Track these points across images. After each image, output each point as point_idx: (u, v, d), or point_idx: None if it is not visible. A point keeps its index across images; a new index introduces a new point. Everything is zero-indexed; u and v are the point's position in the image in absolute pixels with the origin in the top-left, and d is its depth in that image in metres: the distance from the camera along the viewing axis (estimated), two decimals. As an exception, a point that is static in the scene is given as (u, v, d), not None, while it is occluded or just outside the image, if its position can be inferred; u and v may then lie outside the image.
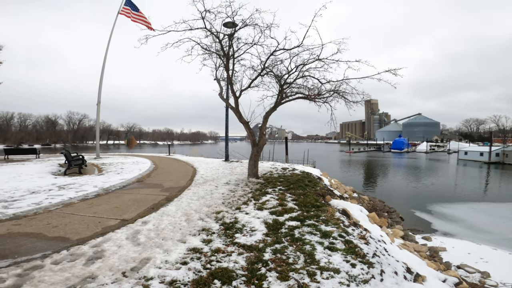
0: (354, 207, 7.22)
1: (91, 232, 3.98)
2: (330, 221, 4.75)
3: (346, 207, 6.54)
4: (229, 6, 7.82)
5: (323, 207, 5.68)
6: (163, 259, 3.12)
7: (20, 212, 4.84)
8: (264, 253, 3.38)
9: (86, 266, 2.88)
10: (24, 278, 2.59)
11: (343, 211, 6.04)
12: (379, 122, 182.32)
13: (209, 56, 9.14)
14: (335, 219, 4.90)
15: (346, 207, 6.46)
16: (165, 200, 6.13)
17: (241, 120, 8.91)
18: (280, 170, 11.00)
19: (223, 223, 4.55)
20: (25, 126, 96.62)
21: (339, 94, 8.59)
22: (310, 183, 8.37)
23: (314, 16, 7.59)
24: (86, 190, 6.88)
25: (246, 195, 6.69)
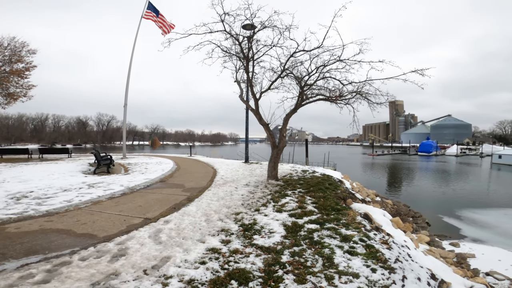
0: (377, 211, 7.01)
1: (116, 229, 4.17)
2: (351, 225, 4.65)
3: (368, 211, 6.37)
4: (248, 8, 7.92)
5: (343, 210, 5.57)
6: (183, 258, 3.21)
7: (52, 209, 5.17)
8: (282, 256, 3.38)
9: (111, 263, 3.02)
10: (53, 273, 2.74)
11: (365, 215, 5.89)
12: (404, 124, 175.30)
13: (229, 58, 9.28)
14: (356, 223, 4.79)
15: (368, 211, 6.30)
16: (186, 200, 6.29)
17: (261, 122, 8.95)
18: (300, 172, 10.90)
19: (242, 224, 4.60)
20: (58, 127, 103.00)
21: (361, 95, 8.39)
22: (331, 186, 8.23)
23: (334, 16, 7.48)
24: (113, 189, 7.21)
25: (265, 197, 6.70)
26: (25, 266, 2.85)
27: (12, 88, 20.28)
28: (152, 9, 17.88)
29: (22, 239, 3.61)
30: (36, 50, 20.80)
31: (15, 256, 3.10)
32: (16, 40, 19.94)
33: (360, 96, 8.43)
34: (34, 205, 5.42)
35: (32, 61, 20.75)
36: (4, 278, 2.57)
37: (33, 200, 5.79)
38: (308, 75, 8.85)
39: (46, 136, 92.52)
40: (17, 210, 4.96)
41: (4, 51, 19.35)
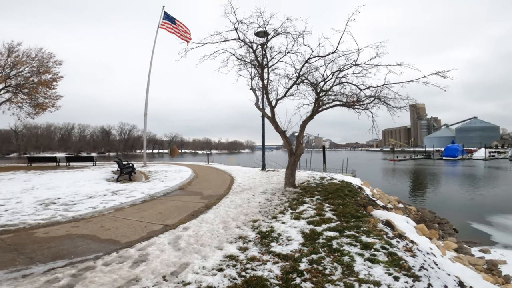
0: (399, 218, 6.78)
1: (138, 236, 4.29)
2: (372, 232, 4.53)
3: (390, 218, 6.18)
4: (260, 16, 8.06)
5: (364, 217, 5.44)
6: (201, 265, 3.25)
7: (78, 215, 5.40)
8: (300, 263, 3.34)
9: (132, 268, 3.10)
10: (77, 278, 2.84)
11: (387, 222, 5.71)
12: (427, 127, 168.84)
13: (244, 66, 9.41)
14: (377, 230, 4.66)
15: (390, 218, 6.11)
16: (204, 207, 6.37)
17: (277, 129, 8.96)
18: (317, 179, 10.76)
19: (260, 231, 4.59)
20: (84, 136, 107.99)
21: (380, 100, 8.21)
22: (350, 193, 8.06)
23: (348, 21, 7.44)
24: (135, 196, 7.43)
25: (283, 204, 6.66)
26: (51, 270, 2.98)
27: (40, 98, 21.50)
28: (168, 18, 18.46)
29: (50, 244, 3.79)
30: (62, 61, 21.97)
31: (43, 260, 3.25)
32: (43, 51, 21.13)
33: (379, 101, 8.25)
34: (61, 211, 5.69)
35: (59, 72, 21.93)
36: (31, 282, 2.69)
37: (61, 206, 6.09)
38: (324, 81, 8.79)
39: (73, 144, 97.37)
40: (46, 216, 5.22)
41: (32, 62, 20.60)
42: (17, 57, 19.96)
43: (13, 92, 20.46)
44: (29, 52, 20.51)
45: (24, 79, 20.51)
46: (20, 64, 20.03)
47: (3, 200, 6.56)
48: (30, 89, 20.79)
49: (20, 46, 20.15)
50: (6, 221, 4.77)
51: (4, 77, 19.54)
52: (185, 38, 17.85)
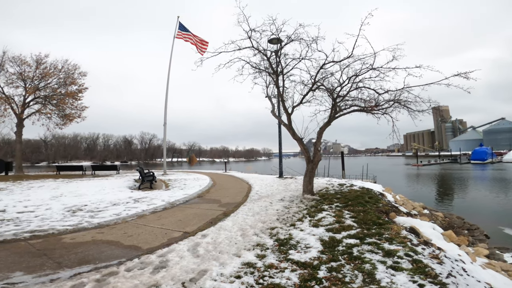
0: (425, 225, 6.51)
1: (158, 242, 4.40)
2: (395, 239, 4.39)
3: (414, 224, 5.96)
4: (273, 23, 8.15)
5: (386, 224, 5.28)
6: (219, 271, 3.27)
7: (103, 222, 5.63)
8: (319, 271, 3.29)
9: (153, 274, 3.18)
10: (101, 283, 2.94)
11: (411, 229, 5.51)
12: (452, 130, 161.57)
13: (259, 74, 9.51)
14: (401, 238, 4.51)
15: (414, 225, 5.88)
16: (222, 215, 6.43)
17: (294, 137, 8.92)
18: (336, 186, 10.56)
19: (277, 239, 4.57)
20: (108, 146, 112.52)
21: (400, 103, 8.01)
22: (371, 199, 7.84)
23: (361, 25, 7.38)
24: (156, 203, 7.63)
25: (301, 211, 6.60)
26: (77, 275, 3.10)
27: (68, 109, 22.71)
28: (182, 29, 19.10)
29: (76, 249, 3.97)
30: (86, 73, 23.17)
31: (70, 265, 3.40)
32: (69, 63, 22.36)
33: (399, 105, 8.05)
34: (87, 217, 5.95)
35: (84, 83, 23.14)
36: (58, 287, 2.81)
37: (87, 213, 6.37)
38: (340, 86, 8.70)
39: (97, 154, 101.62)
40: (73, 222, 5.48)
41: (59, 73, 21.85)
42: (45, 68, 21.26)
43: (42, 104, 21.77)
44: (56, 64, 21.77)
45: (52, 91, 21.79)
46: (48, 75, 21.30)
47: (33, 207, 6.96)
48: (58, 100, 22.02)
49: (47, 58, 21.46)
50: (36, 227, 5.05)
51: (33, 89, 20.86)
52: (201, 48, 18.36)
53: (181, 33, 18.89)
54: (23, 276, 3.01)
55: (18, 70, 20.47)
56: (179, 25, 19.05)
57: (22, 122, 20.84)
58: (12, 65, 20.31)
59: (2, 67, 19.88)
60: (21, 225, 5.18)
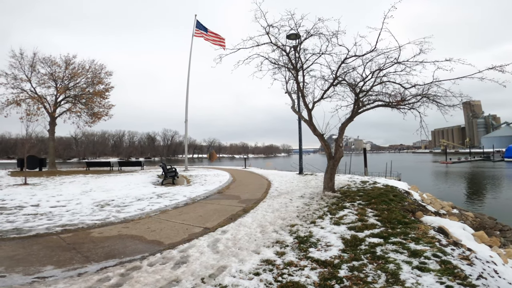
0: (454, 225, 6.18)
1: (180, 237, 4.50)
2: (422, 239, 4.21)
3: (443, 224, 5.67)
4: (291, 18, 8.01)
5: (412, 224, 5.08)
6: (238, 268, 3.29)
7: (128, 217, 5.85)
8: (339, 270, 3.22)
9: (173, 269, 3.25)
10: (125, 278, 3.04)
11: (440, 229, 5.25)
12: (484, 126, 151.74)
13: (278, 70, 9.40)
14: (428, 238, 4.32)
15: (443, 225, 5.61)
16: (242, 211, 6.46)
17: (315, 132, 8.77)
18: (358, 183, 10.28)
19: (297, 236, 4.52)
20: (133, 142, 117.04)
21: (429, 98, 7.64)
22: (396, 197, 7.57)
23: (384, 18, 7.08)
24: (178, 199, 7.83)
25: (322, 209, 6.49)
26: (103, 269, 3.23)
27: (96, 108, 23.86)
28: (200, 27, 19.28)
29: (103, 244, 4.15)
30: (112, 72, 24.22)
31: (97, 259, 3.55)
32: (95, 63, 23.41)
33: (427, 99, 7.68)
34: (114, 212, 6.22)
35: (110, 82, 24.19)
36: (85, 281, 2.93)
37: (114, 208, 6.65)
38: (363, 81, 8.41)
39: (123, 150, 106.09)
40: (101, 217, 5.75)
41: (86, 73, 22.95)
42: (74, 69, 22.44)
43: (72, 102, 23.01)
44: (84, 64, 22.91)
45: (81, 90, 22.97)
46: (77, 75, 22.48)
47: (65, 201, 7.38)
48: (87, 99, 23.21)
49: (75, 58, 22.63)
50: (67, 221, 5.35)
51: (63, 88, 22.09)
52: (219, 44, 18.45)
53: (199, 31, 19.11)
54: (53, 270, 3.17)
55: (49, 71, 21.75)
56: (197, 23, 19.26)
57: (54, 120, 22.14)
58: (43, 66, 21.59)
59: (34, 68, 21.15)
60: (53, 219, 5.50)
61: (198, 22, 19.25)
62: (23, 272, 3.09)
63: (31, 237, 4.40)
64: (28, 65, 20.91)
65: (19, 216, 5.74)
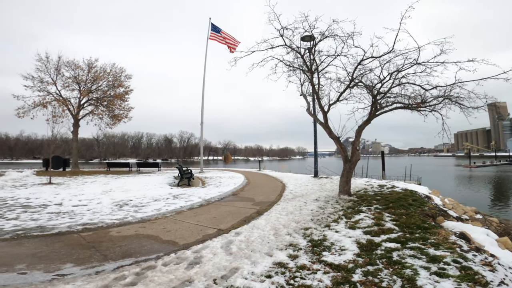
0: (477, 230, 5.91)
1: (194, 238, 4.56)
2: (442, 245, 4.06)
3: (465, 230, 5.45)
4: (305, 20, 7.97)
5: (432, 229, 4.91)
6: (250, 270, 3.29)
7: (145, 216, 6.00)
8: (353, 274, 3.15)
9: (187, 270, 3.29)
10: (140, 277, 3.10)
11: (461, 235, 5.05)
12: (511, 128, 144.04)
13: (293, 72, 9.37)
14: (449, 243, 4.16)
15: (465, 230, 5.38)
16: (256, 213, 6.47)
17: (331, 135, 8.66)
18: (376, 187, 10.02)
19: (311, 239, 4.47)
20: (150, 144, 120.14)
21: (451, 100, 7.39)
22: (415, 202, 7.33)
23: (402, 18, 6.91)
24: (193, 200, 7.95)
25: (337, 212, 6.38)
26: (120, 268, 3.31)
27: (116, 110, 24.71)
28: (215, 29, 19.54)
29: (121, 243, 4.27)
30: (131, 75, 25.05)
31: (114, 258, 3.65)
32: (116, 66, 24.25)
33: (450, 101, 7.43)
34: (132, 212, 6.39)
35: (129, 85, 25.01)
36: (102, 279, 3.01)
37: (132, 208, 6.84)
38: (381, 83, 8.22)
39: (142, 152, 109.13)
40: (119, 216, 5.93)
41: (108, 76, 23.82)
42: (96, 72, 23.37)
43: (94, 105, 23.95)
44: (105, 67, 23.82)
45: (103, 93, 23.88)
46: (99, 78, 23.41)
47: (86, 201, 7.68)
48: (108, 102, 24.09)
49: (97, 62, 23.56)
50: (88, 220, 5.55)
51: (86, 91, 23.05)
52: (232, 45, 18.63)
53: (214, 34, 19.39)
54: (73, 268, 3.28)
55: (73, 74, 22.75)
56: (212, 26, 19.55)
57: (78, 122, 23.13)
58: (67, 70, 22.63)
59: (59, 71, 22.20)
60: (75, 218, 5.73)
61: (213, 25, 19.56)
62: (44, 270, 3.21)
63: (53, 235, 4.59)
64: (53, 69, 22.02)
65: (43, 215, 6.02)
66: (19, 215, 5.89)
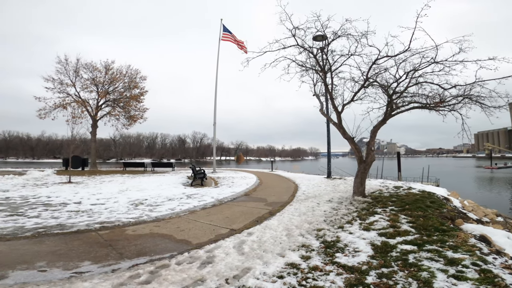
0: (498, 233, 5.70)
1: (206, 238, 4.61)
2: (461, 247, 3.95)
3: (485, 232, 5.26)
4: (317, 20, 7.90)
5: (451, 231, 4.77)
6: (262, 270, 3.29)
7: (160, 216, 6.11)
8: (367, 276, 3.10)
9: (199, 269, 3.33)
10: (154, 275, 3.16)
11: (481, 237, 4.89)
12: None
13: (306, 72, 9.30)
14: (468, 246, 4.04)
15: (485, 233, 5.20)
16: (268, 214, 6.47)
17: (345, 136, 8.54)
18: (391, 188, 9.80)
19: (324, 241, 4.43)
20: (164, 144, 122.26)
21: (471, 99, 7.17)
22: (433, 204, 7.12)
23: (417, 17, 6.75)
24: (206, 200, 8.03)
25: (351, 214, 6.29)
26: (135, 266, 3.38)
27: (132, 111, 25.33)
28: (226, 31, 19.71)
29: (136, 241, 4.37)
30: (146, 77, 25.63)
31: (129, 256, 3.74)
32: (131, 68, 24.85)
33: (470, 100, 7.21)
34: (147, 211, 6.53)
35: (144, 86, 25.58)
36: (117, 277, 3.08)
37: (147, 207, 6.99)
38: (397, 82, 8.05)
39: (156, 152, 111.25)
40: (135, 215, 6.08)
41: (124, 78, 24.44)
42: (112, 74, 24.03)
43: (111, 106, 24.64)
44: (121, 69, 24.45)
45: (119, 94, 24.53)
46: (115, 80, 24.06)
47: (104, 200, 7.91)
48: (124, 103, 24.72)
49: (113, 64, 24.22)
50: (105, 219, 5.72)
51: (104, 93, 23.75)
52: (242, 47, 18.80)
53: (226, 35, 19.57)
54: (90, 266, 3.38)
55: (91, 76, 23.51)
56: (223, 27, 19.73)
57: (96, 123, 23.86)
58: (85, 72, 23.40)
59: (78, 73, 22.99)
60: (93, 216, 5.91)
61: (225, 27, 19.75)
62: (62, 267, 3.31)
63: (72, 233, 4.74)
64: (72, 71, 22.84)
65: (63, 213, 6.24)
66: (40, 213, 6.13)
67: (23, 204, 7.14)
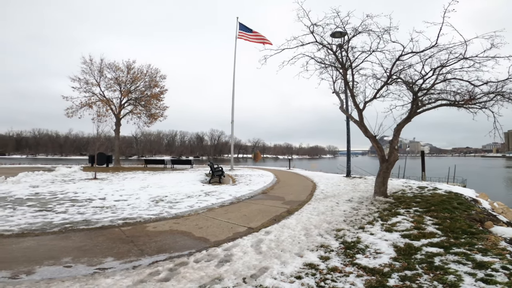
0: (530, 236, 5.34)
1: (224, 236, 4.64)
2: (490, 251, 3.77)
3: (517, 235, 4.94)
4: (337, 16, 7.69)
5: (480, 234, 4.57)
6: (280, 270, 3.26)
7: (179, 213, 6.23)
8: (389, 279, 2.99)
9: (217, 267, 3.34)
10: (173, 272, 3.19)
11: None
12: None
13: (325, 69, 9.11)
14: (498, 249, 3.84)
15: (516, 236, 4.88)
16: (286, 212, 6.42)
17: (367, 134, 8.30)
18: (415, 189, 9.43)
19: (344, 241, 4.33)
20: (183, 142, 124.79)
21: (503, 96, 6.82)
22: (461, 205, 6.80)
23: (445, 12, 6.43)
24: (223, 198, 8.10)
25: (372, 214, 6.11)
26: (155, 263, 3.44)
27: (153, 109, 26.05)
28: (243, 28, 19.61)
29: (156, 238, 4.46)
30: (165, 75, 26.25)
31: (150, 253, 3.81)
32: (151, 67, 25.51)
33: (502, 97, 6.86)
34: (167, 208, 6.68)
35: (164, 85, 26.21)
36: (138, 274, 3.14)
37: (167, 204, 7.15)
38: (422, 79, 7.72)
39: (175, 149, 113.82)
40: (156, 212, 6.23)
41: (144, 77, 25.15)
42: (134, 73, 24.81)
43: (133, 105, 25.46)
44: (142, 69, 25.20)
45: (141, 93, 25.30)
46: (137, 79, 24.85)
47: (126, 196, 8.18)
48: (145, 102, 25.48)
49: (135, 63, 24.99)
50: (127, 215, 5.90)
51: (126, 92, 24.56)
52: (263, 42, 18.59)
53: (243, 33, 19.51)
54: (113, 262, 3.47)
55: (114, 76, 24.38)
56: (240, 25, 19.69)
57: (119, 121, 24.76)
58: (109, 71, 24.33)
59: (102, 73, 23.93)
60: (116, 212, 6.11)
61: (241, 24, 19.71)
62: (87, 263, 3.41)
63: (97, 229, 4.91)
64: (97, 71, 23.83)
65: (89, 209, 6.50)
66: (67, 209, 6.41)
67: (52, 200, 7.51)
